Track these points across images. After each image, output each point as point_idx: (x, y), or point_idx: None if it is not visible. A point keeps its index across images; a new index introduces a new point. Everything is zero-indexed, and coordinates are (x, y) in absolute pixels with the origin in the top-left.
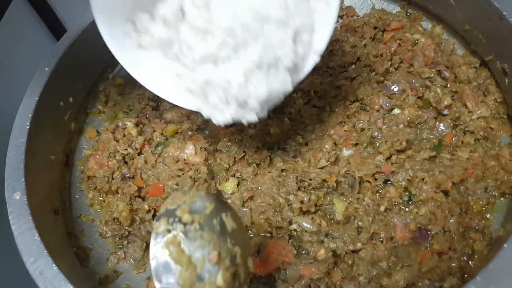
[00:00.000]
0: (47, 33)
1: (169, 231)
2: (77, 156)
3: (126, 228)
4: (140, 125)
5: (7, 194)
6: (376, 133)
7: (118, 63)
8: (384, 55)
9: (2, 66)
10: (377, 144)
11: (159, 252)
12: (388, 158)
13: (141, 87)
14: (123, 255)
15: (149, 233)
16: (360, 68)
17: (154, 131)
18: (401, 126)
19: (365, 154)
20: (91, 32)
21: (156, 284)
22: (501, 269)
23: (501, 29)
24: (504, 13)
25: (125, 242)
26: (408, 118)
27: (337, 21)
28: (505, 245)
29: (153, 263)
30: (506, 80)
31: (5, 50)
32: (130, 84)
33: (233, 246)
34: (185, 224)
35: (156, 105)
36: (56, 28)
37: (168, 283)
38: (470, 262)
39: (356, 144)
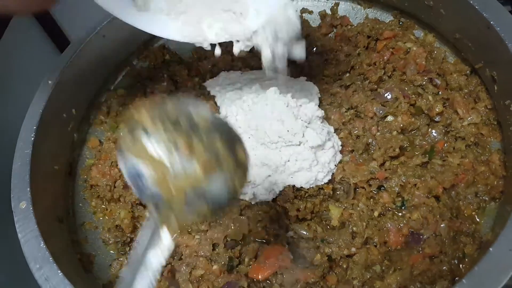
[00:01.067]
0: (50, 45)
1: (134, 141)
2: (80, 165)
3: (128, 234)
4: None
5: (13, 203)
6: (370, 140)
7: (119, 74)
8: (378, 63)
9: (6, 78)
10: (372, 150)
11: (129, 164)
12: (382, 164)
13: (141, 98)
14: (126, 261)
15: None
16: (354, 77)
17: None
18: (395, 133)
19: (361, 160)
20: (94, 44)
21: (136, 192)
22: (487, 272)
23: (489, 38)
24: (491, 22)
25: (127, 249)
26: (401, 125)
27: (332, 31)
28: (490, 249)
29: (126, 176)
30: (495, 87)
31: (9, 62)
32: (131, 94)
33: (208, 135)
34: (149, 133)
35: None
36: (59, 40)
37: (144, 187)
38: (460, 266)
39: (352, 151)
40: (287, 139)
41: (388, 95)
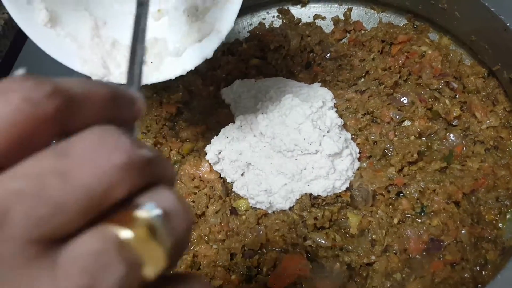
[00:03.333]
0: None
1: None
2: None
3: None
4: (158, 145)
5: None
6: (388, 145)
7: None
8: (393, 68)
9: None
10: (389, 156)
11: None
12: (400, 170)
13: (157, 108)
14: None
15: None
16: (369, 82)
17: (171, 150)
18: (412, 137)
19: (378, 166)
20: None
21: None
22: (510, 280)
23: (506, 39)
24: (508, 24)
25: None
26: (419, 130)
27: (345, 36)
28: None
29: None
30: None
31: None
32: (147, 106)
33: None
34: None
35: (172, 124)
36: None
37: None
38: (483, 272)
39: (370, 157)
40: (303, 148)
41: (404, 99)
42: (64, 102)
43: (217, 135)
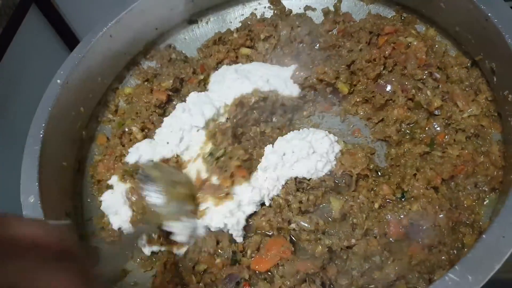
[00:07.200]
0: (61, 45)
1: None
2: (89, 162)
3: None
4: (146, 130)
5: (22, 197)
6: None
7: (126, 73)
8: (377, 60)
9: (18, 77)
10: None
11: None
12: None
13: (147, 95)
14: (131, 255)
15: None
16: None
17: None
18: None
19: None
20: (101, 44)
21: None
22: (479, 259)
23: (487, 30)
24: (489, 14)
25: None
26: (395, 118)
27: (335, 27)
28: (483, 236)
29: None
30: (495, 79)
31: (20, 62)
32: (137, 93)
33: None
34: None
35: (162, 112)
36: (69, 39)
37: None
38: (459, 255)
39: None
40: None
41: (388, 87)
42: None
43: None
